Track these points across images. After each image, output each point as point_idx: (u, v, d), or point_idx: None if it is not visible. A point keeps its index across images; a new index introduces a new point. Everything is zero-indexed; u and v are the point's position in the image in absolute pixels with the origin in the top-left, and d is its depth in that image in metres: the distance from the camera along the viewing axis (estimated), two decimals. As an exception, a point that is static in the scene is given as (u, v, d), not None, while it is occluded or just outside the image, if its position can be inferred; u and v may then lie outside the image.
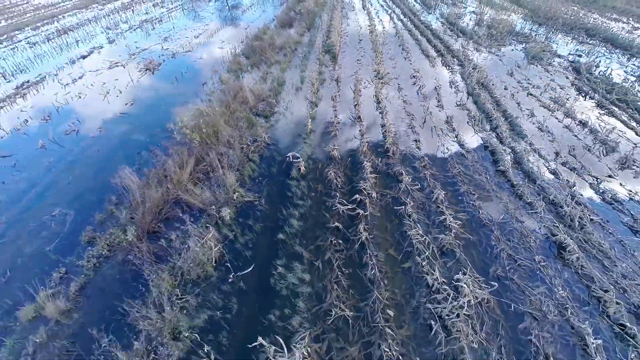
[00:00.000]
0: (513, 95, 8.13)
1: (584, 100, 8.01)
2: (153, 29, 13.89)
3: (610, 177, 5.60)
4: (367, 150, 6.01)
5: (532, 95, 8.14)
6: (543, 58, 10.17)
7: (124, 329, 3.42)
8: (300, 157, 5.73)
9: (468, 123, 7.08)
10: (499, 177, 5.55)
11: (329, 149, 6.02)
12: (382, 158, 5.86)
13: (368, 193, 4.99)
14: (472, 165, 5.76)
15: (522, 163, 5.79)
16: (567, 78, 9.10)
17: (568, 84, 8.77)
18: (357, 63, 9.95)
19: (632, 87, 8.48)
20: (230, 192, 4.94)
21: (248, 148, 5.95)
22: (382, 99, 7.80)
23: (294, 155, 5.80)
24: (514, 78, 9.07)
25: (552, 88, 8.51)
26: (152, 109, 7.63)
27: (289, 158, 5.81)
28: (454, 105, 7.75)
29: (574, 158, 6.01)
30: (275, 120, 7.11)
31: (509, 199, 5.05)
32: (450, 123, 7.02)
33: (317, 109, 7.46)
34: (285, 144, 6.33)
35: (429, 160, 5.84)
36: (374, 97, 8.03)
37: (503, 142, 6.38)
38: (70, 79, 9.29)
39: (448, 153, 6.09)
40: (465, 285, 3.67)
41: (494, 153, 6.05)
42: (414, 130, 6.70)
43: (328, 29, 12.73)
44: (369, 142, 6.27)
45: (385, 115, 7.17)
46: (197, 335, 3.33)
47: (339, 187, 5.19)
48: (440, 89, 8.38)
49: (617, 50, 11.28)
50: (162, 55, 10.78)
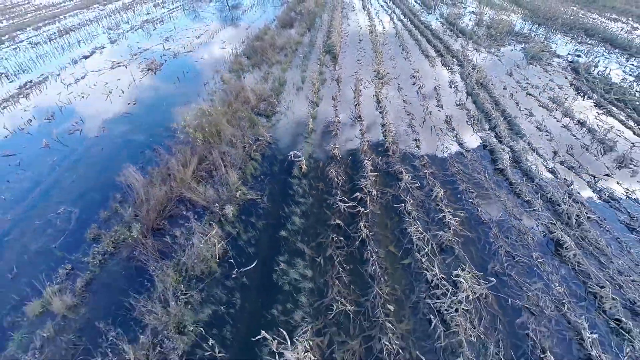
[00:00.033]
0: (512, 95, 8.20)
1: (583, 100, 8.09)
2: (154, 30, 13.96)
3: (608, 175, 5.68)
4: (367, 149, 6.08)
5: (530, 95, 8.22)
6: (542, 58, 10.24)
7: (130, 323, 3.49)
8: (302, 155, 5.81)
9: (467, 122, 7.15)
10: (498, 175, 5.63)
11: (330, 148, 6.10)
12: (382, 157, 5.94)
13: (368, 191, 5.06)
14: (471, 164, 5.83)
15: (520, 162, 5.87)
16: (565, 78, 9.18)
17: (567, 84, 8.85)
18: (357, 63, 10.02)
19: (630, 86, 8.55)
20: (233, 190, 5.02)
21: (250, 147, 6.03)
22: (382, 99, 7.87)
23: (296, 154, 5.88)
24: (513, 78, 9.14)
25: (550, 88, 8.58)
26: (154, 109, 7.69)
27: (291, 157, 5.88)
28: (454, 105, 7.82)
29: (572, 157, 6.08)
30: (277, 120, 7.19)
31: (507, 197, 5.12)
32: (450, 122, 7.10)
33: (318, 109, 7.53)
34: (287, 143, 6.40)
35: (429, 159, 5.92)
36: (374, 96, 8.10)
37: (502, 141, 6.45)
38: (73, 79, 9.35)
39: (447, 152, 6.16)
40: (464, 281, 3.74)
41: (493, 152, 6.13)
42: (414, 130, 6.78)
43: (328, 29, 12.80)
44: (370, 141, 6.34)
45: (386, 115, 7.25)
46: (201, 329, 3.41)
47: (340, 185, 5.26)
48: (440, 89, 8.45)
49: (616, 50, 11.35)
50: (163, 56, 10.85)
